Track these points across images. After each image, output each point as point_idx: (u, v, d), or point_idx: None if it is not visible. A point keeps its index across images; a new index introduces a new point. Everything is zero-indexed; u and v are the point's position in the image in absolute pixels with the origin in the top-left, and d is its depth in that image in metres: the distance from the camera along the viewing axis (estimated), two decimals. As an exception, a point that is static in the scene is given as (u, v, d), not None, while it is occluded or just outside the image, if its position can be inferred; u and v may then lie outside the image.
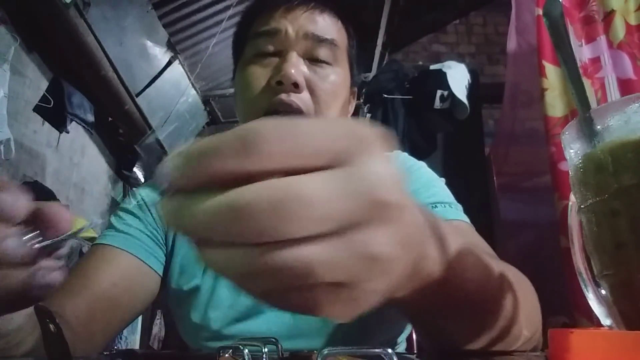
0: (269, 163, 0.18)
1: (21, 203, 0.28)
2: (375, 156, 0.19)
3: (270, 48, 0.60)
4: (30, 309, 0.28)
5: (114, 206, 3.12)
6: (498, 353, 0.38)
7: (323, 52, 0.61)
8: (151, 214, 0.65)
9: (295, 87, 0.57)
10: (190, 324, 0.63)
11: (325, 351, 0.21)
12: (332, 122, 0.19)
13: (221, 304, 0.61)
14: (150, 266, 0.61)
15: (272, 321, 0.60)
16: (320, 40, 0.60)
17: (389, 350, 0.19)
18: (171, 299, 0.65)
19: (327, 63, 0.61)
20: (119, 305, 0.57)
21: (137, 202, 0.66)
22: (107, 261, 0.58)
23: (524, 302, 0.39)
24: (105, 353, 0.36)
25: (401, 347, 0.72)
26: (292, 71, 0.57)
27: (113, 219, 0.64)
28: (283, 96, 0.57)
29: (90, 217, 2.71)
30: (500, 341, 0.38)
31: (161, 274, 0.63)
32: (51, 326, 0.24)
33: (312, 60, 0.60)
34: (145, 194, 0.67)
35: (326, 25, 0.62)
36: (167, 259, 0.65)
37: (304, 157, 0.18)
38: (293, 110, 0.57)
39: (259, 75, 0.60)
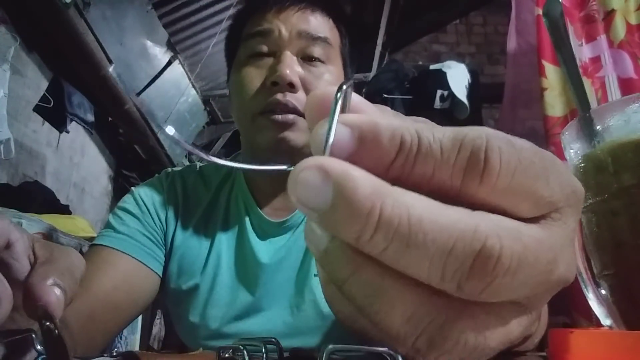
0: (484, 194, 0.16)
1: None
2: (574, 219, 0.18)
3: (264, 48, 0.61)
4: None
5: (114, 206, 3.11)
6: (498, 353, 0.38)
7: (317, 51, 0.61)
8: (149, 213, 0.64)
9: (291, 87, 0.57)
10: (189, 323, 0.63)
11: (330, 346, 0.21)
12: (559, 165, 0.17)
13: (220, 302, 0.61)
14: (150, 267, 0.61)
15: (270, 319, 0.60)
16: (313, 39, 0.61)
17: (394, 350, 0.19)
18: (170, 298, 0.65)
19: (321, 61, 0.61)
20: (120, 308, 0.57)
21: (136, 201, 0.65)
22: (108, 264, 0.58)
23: (544, 311, 0.39)
24: (105, 355, 0.36)
25: None
26: (287, 71, 0.57)
27: (112, 219, 0.63)
28: (279, 96, 0.57)
29: (90, 217, 2.71)
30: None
31: (161, 275, 0.63)
32: (51, 327, 0.24)
33: (306, 59, 0.61)
34: (144, 192, 0.66)
35: (318, 24, 0.62)
36: (165, 259, 0.64)
37: (526, 201, 0.16)
38: (289, 111, 0.57)
39: (254, 76, 0.60)
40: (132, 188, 0.68)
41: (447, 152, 0.16)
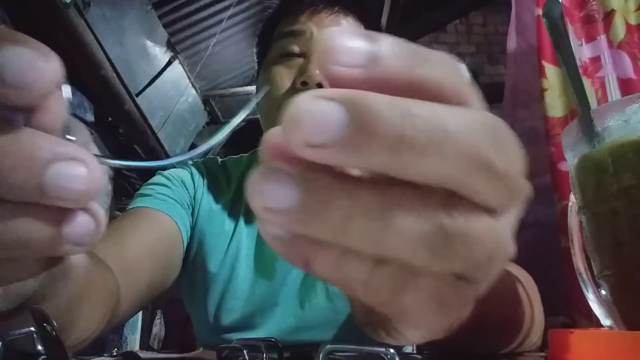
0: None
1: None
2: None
3: (296, 49, 0.61)
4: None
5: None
6: (499, 354, 0.38)
7: None
8: (181, 186, 0.65)
9: (320, 87, 0.57)
10: (205, 317, 0.63)
11: (328, 346, 0.21)
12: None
13: (237, 294, 0.62)
14: (182, 236, 0.61)
15: (284, 313, 0.61)
16: None
17: (391, 350, 0.19)
18: (185, 289, 0.65)
19: None
20: (161, 261, 0.57)
21: (166, 177, 0.65)
22: (151, 218, 0.58)
23: (538, 311, 0.39)
24: (105, 355, 0.36)
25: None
26: (317, 72, 0.57)
27: (144, 190, 0.63)
28: None
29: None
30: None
31: (185, 248, 0.63)
32: (48, 329, 0.24)
33: None
34: (171, 173, 0.67)
35: (350, 28, 0.63)
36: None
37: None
38: None
39: (284, 75, 0.61)
40: (159, 171, 0.68)
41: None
